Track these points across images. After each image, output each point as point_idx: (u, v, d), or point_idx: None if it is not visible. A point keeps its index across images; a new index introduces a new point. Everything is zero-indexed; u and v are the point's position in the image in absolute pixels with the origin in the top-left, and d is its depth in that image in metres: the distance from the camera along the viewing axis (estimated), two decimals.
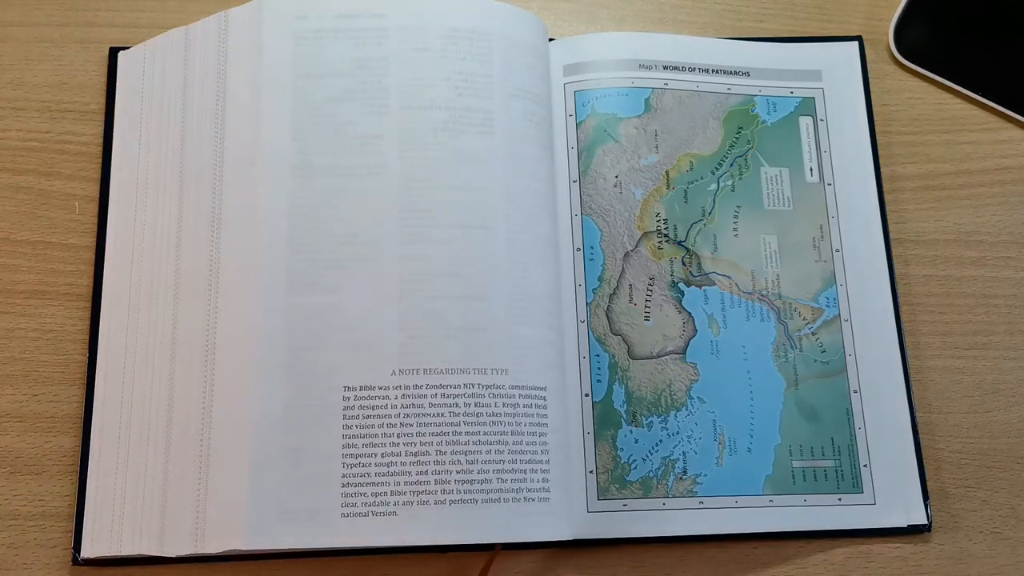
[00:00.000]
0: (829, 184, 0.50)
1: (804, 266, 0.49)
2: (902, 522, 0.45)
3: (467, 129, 0.46)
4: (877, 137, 0.51)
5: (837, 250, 0.49)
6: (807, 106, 0.52)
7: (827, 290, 0.48)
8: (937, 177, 0.51)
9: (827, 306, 0.48)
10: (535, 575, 0.45)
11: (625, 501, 0.45)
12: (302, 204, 0.44)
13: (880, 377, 0.47)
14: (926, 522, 0.45)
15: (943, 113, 0.52)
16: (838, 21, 0.54)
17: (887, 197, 0.50)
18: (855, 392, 0.47)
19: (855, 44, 0.53)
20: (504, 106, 0.46)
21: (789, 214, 0.50)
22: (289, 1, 0.47)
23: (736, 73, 0.52)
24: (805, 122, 0.51)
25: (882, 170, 0.51)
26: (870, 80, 0.52)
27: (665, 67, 0.51)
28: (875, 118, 0.51)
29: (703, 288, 0.48)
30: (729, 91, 0.51)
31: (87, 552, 0.43)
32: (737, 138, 0.51)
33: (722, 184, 0.50)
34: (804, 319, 0.48)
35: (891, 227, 0.50)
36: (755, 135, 0.51)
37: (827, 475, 0.46)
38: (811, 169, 0.50)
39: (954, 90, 0.52)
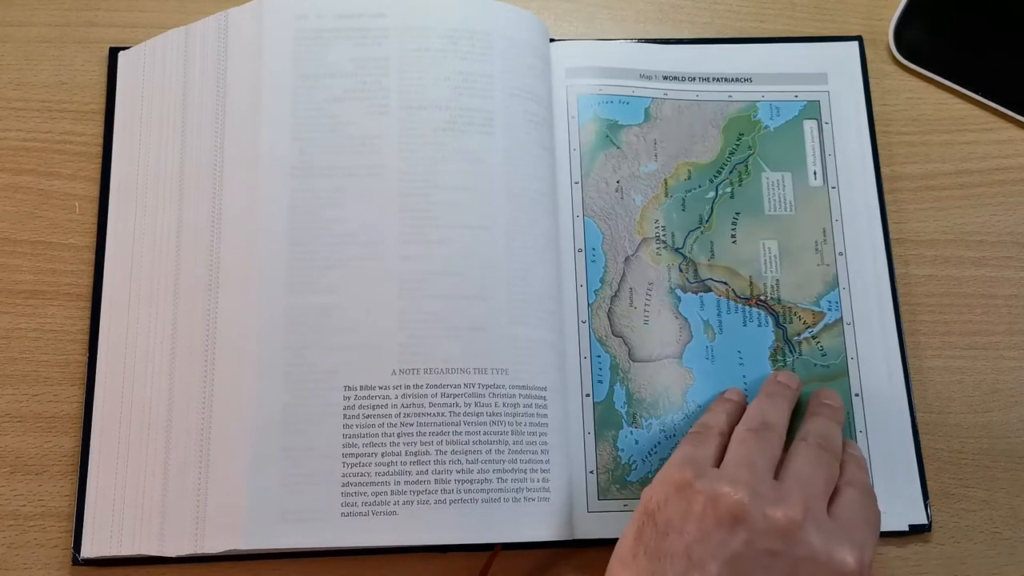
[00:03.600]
0: (833, 187, 0.50)
1: (805, 270, 0.49)
2: (902, 523, 0.45)
3: (467, 129, 0.46)
4: (877, 137, 0.51)
5: (840, 253, 0.49)
6: (812, 110, 0.51)
7: (829, 293, 0.48)
8: (937, 177, 0.51)
9: (829, 309, 0.48)
10: (535, 575, 0.45)
11: (625, 502, 0.45)
12: (302, 204, 0.44)
13: (880, 378, 0.47)
14: (926, 522, 0.45)
15: (943, 113, 0.52)
16: (838, 21, 0.54)
17: (887, 197, 0.50)
18: (856, 396, 0.47)
19: (855, 44, 0.53)
20: (504, 106, 0.46)
21: (791, 219, 0.49)
22: (289, 1, 0.47)
23: (738, 80, 0.51)
24: (809, 126, 0.51)
25: (882, 170, 0.50)
26: (870, 80, 0.52)
27: (665, 77, 0.51)
28: (875, 118, 0.51)
29: (699, 295, 0.48)
30: (731, 98, 0.51)
31: (87, 552, 0.43)
32: (737, 144, 0.50)
33: (721, 192, 0.50)
34: (804, 323, 0.48)
35: (891, 227, 0.50)
36: (756, 140, 0.51)
37: None
38: (815, 173, 0.50)
39: (954, 90, 0.52)
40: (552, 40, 0.51)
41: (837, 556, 0.35)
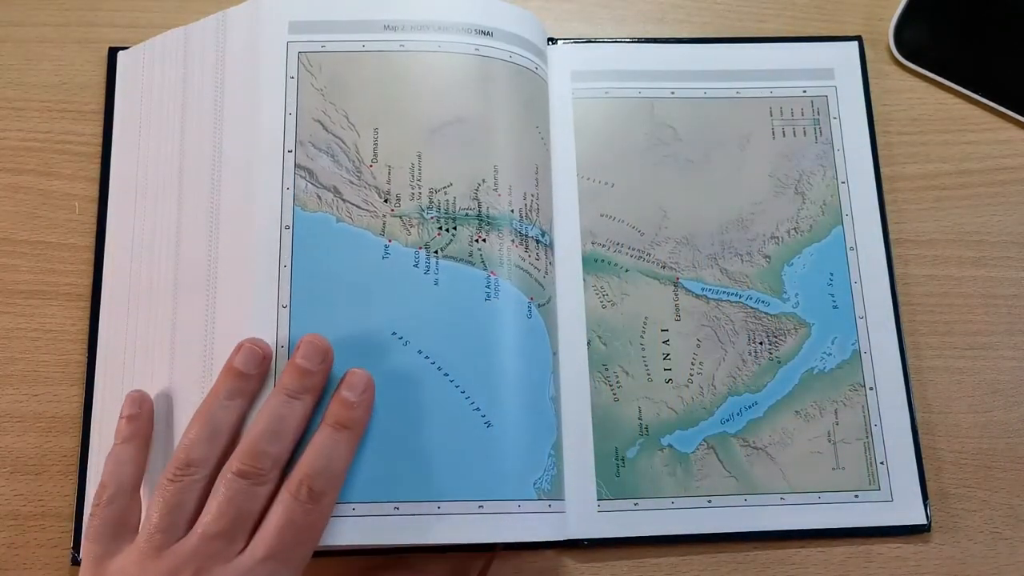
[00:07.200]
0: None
1: None
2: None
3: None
4: (877, 137, 0.51)
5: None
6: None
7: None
8: (937, 177, 0.51)
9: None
10: (535, 575, 0.45)
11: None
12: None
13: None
14: (926, 522, 0.45)
15: (943, 113, 0.52)
16: (838, 21, 0.54)
17: (887, 197, 0.50)
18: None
19: (855, 44, 0.53)
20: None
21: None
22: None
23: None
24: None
25: (882, 170, 0.51)
26: (870, 80, 0.52)
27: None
28: (875, 118, 0.51)
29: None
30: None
31: None
32: None
33: None
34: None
35: (891, 227, 0.50)
36: None
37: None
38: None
39: (954, 90, 0.52)
40: (552, 40, 0.51)
41: None
